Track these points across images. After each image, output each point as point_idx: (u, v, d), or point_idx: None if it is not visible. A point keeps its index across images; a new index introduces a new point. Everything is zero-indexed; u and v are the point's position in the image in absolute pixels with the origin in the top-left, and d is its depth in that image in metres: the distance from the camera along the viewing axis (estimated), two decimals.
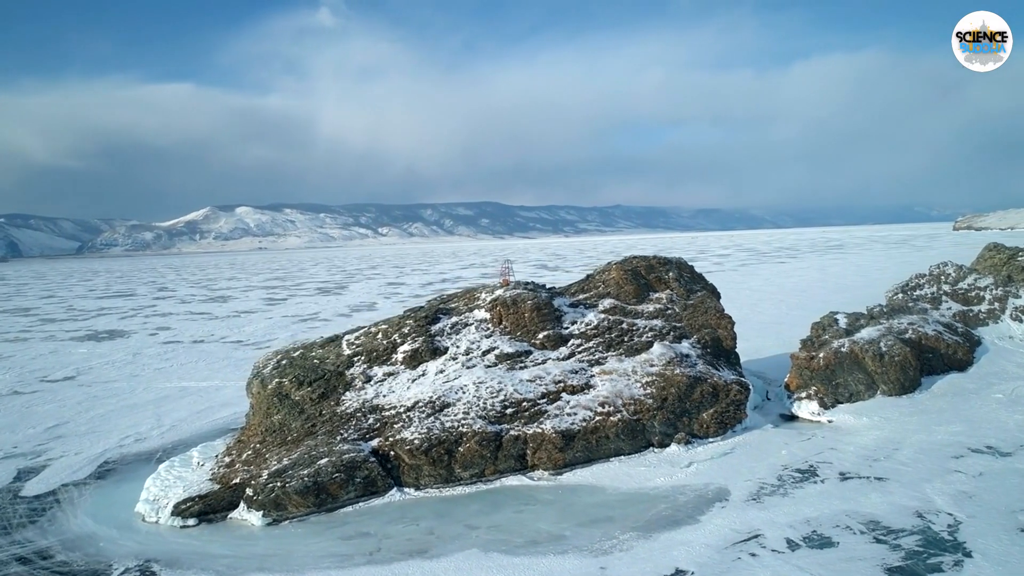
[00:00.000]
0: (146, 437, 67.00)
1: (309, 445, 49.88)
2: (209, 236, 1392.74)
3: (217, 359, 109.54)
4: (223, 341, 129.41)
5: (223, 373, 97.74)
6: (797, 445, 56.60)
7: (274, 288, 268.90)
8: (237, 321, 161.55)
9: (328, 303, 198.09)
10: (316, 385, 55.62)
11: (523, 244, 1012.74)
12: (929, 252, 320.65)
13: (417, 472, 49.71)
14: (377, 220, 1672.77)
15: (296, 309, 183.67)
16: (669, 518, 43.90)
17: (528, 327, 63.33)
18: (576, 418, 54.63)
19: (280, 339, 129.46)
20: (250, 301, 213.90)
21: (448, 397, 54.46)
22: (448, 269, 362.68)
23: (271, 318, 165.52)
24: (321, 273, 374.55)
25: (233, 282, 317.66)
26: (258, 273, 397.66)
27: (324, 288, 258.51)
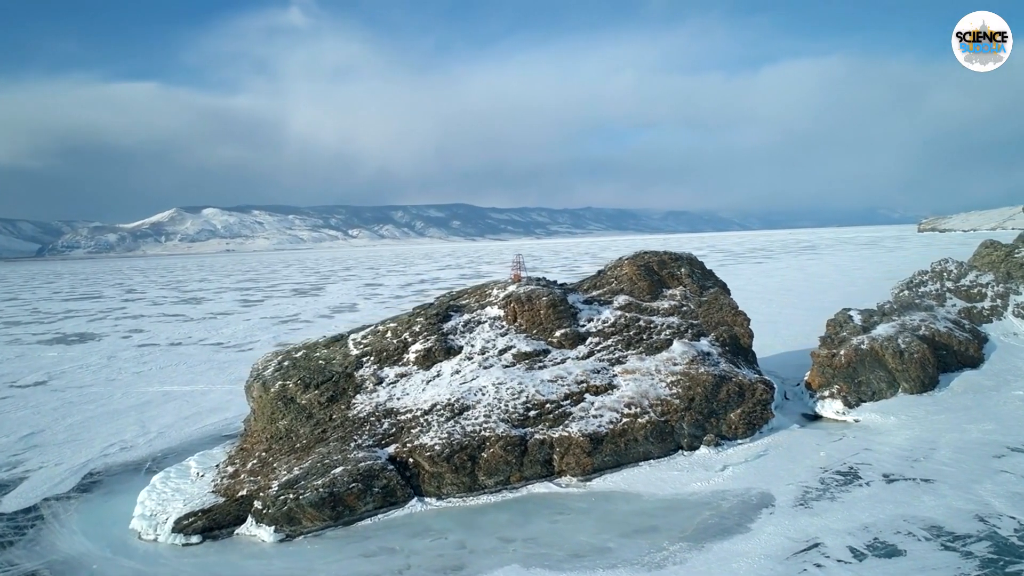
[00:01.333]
0: (132, 445, 62.23)
1: (321, 452, 45.98)
2: (175, 238, 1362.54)
3: (198, 362, 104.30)
4: (202, 343, 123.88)
5: (207, 376, 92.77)
6: (830, 446, 54.19)
7: (248, 290, 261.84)
8: (214, 323, 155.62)
9: (307, 304, 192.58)
10: (324, 388, 51.67)
11: (496, 246, 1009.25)
12: (900, 253, 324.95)
13: (439, 480, 46.11)
14: (347, 222, 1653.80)
15: (275, 311, 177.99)
16: (717, 526, 40.99)
17: (544, 325, 60.06)
18: (602, 420, 51.52)
19: (262, 341, 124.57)
20: (225, 303, 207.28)
21: (467, 399, 50.94)
22: (425, 270, 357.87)
23: (249, 320, 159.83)
24: (294, 275, 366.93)
25: (204, 284, 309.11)
26: (229, 275, 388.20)
27: (300, 289, 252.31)
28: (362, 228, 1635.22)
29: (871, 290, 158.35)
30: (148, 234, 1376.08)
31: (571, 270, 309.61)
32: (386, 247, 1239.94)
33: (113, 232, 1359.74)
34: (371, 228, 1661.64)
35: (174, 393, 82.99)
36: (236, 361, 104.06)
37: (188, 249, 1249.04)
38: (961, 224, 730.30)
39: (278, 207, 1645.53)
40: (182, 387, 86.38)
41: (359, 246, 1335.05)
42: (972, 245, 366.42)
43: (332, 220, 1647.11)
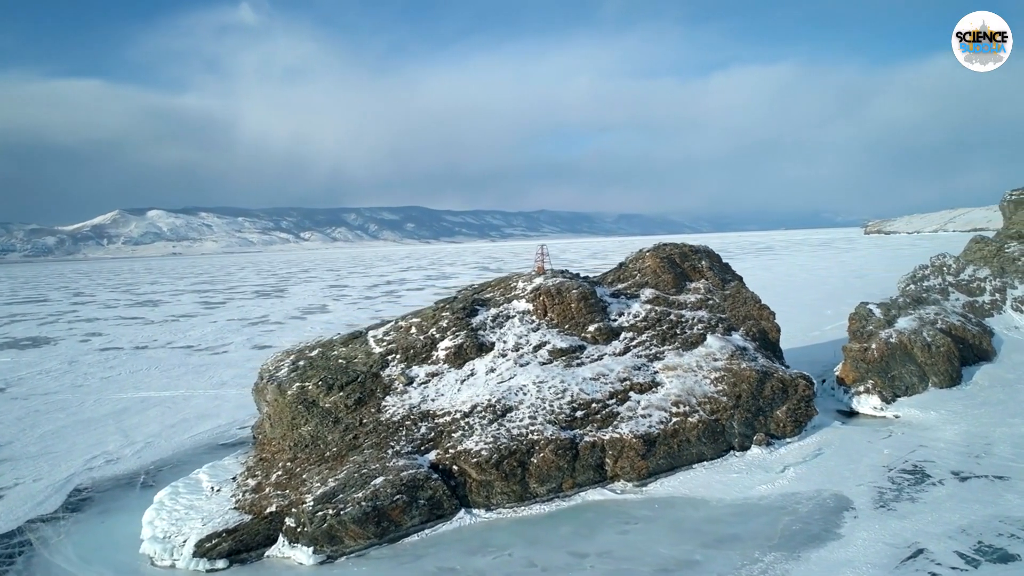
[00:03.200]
0: (118, 457, 55.89)
1: (356, 461, 41.02)
2: (118, 241, 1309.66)
3: (171, 366, 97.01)
4: (171, 347, 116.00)
5: (185, 381, 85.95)
6: (882, 443, 51.64)
7: (205, 292, 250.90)
8: (178, 325, 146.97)
9: (273, 306, 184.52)
10: (349, 389, 46.60)
11: (452, 248, 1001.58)
12: (856, 253, 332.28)
13: (488, 490, 41.66)
14: (299, 224, 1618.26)
15: (240, 312, 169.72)
16: (803, 533, 37.63)
17: (576, 319, 56.09)
18: (652, 420, 47.80)
19: (235, 344, 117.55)
20: (184, 305, 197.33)
21: (508, 399, 46.59)
22: (388, 272, 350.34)
23: (215, 322, 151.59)
24: (251, 277, 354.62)
25: (157, 287, 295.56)
26: (182, 277, 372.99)
27: (262, 291, 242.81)
28: (314, 231, 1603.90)
29: (845, 288, 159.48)
30: (89, 237, 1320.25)
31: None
32: (339, 250, 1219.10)
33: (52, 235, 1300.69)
34: (323, 231, 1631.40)
35: (152, 399, 76.20)
36: (212, 364, 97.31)
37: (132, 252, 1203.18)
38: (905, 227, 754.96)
39: (227, 209, 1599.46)
40: (160, 392, 79.53)
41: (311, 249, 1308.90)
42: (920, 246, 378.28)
43: (283, 222, 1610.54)
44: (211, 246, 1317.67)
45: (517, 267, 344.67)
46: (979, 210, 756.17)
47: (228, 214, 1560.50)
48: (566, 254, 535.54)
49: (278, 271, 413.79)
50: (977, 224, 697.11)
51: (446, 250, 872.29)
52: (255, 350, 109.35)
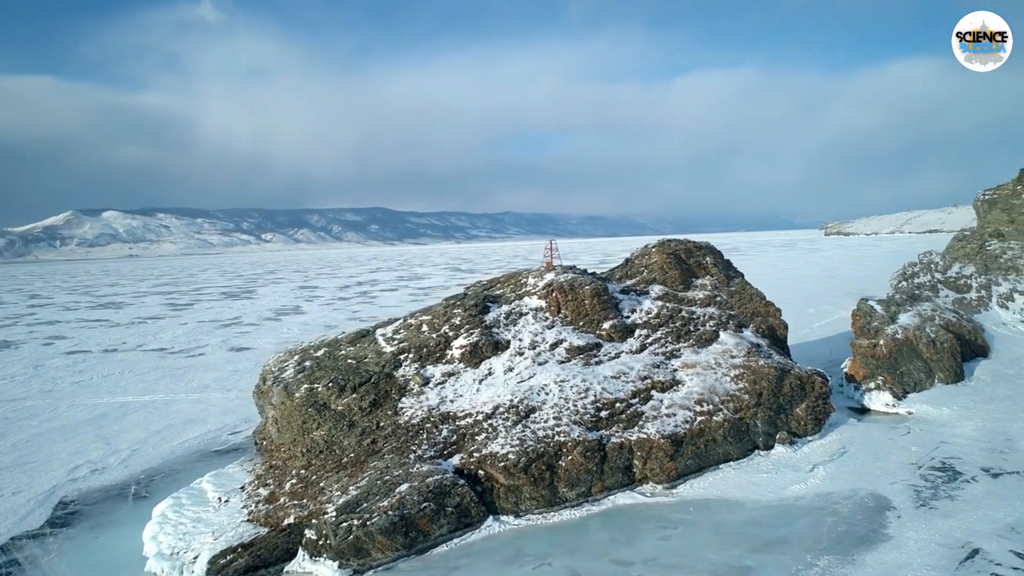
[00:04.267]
0: (103, 466, 52.16)
1: (377, 467, 38.38)
2: (71, 242, 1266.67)
3: (146, 369, 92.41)
4: (141, 349, 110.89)
5: (163, 385, 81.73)
6: (905, 440, 50.83)
7: (170, 294, 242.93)
8: (146, 328, 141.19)
9: (244, 307, 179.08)
10: (362, 391, 43.90)
11: (419, 250, 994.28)
12: (822, 253, 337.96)
13: (516, 495, 39.41)
14: (260, 226, 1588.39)
15: (210, 314, 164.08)
16: (850, 534, 36.23)
17: (590, 316, 54.20)
18: (677, 419, 46.10)
19: (211, 346, 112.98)
20: (150, 307, 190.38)
21: (530, 399, 44.41)
22: (356, 273, 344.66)
23: (186, 324, 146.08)
24: (215, 278, 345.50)
25: (117, 288, 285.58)
26: (142, 279, 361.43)
27: (229, 293, 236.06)
28: (276, 232, 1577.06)
29: (821, 288, 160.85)
30: (41, 238, 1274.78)
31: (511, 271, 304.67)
32: (302, 251, 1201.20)
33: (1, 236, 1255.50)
34: (285, 232, 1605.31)
35: (132, 404, 72.03)
36: (190, 367, 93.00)
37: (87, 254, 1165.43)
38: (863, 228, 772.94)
39: (186, 210, 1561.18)
40: (138, 397, 75.33)
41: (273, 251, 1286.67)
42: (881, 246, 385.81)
43: (244, 224, 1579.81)
44: (169, 248, 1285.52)
45: (487, 268, 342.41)
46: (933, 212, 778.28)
47: (187, 215, 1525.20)
48: (534, 255, 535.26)
49: (243, 272, 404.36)
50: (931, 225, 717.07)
51: (412, 251, 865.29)
52: (233, 352, 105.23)
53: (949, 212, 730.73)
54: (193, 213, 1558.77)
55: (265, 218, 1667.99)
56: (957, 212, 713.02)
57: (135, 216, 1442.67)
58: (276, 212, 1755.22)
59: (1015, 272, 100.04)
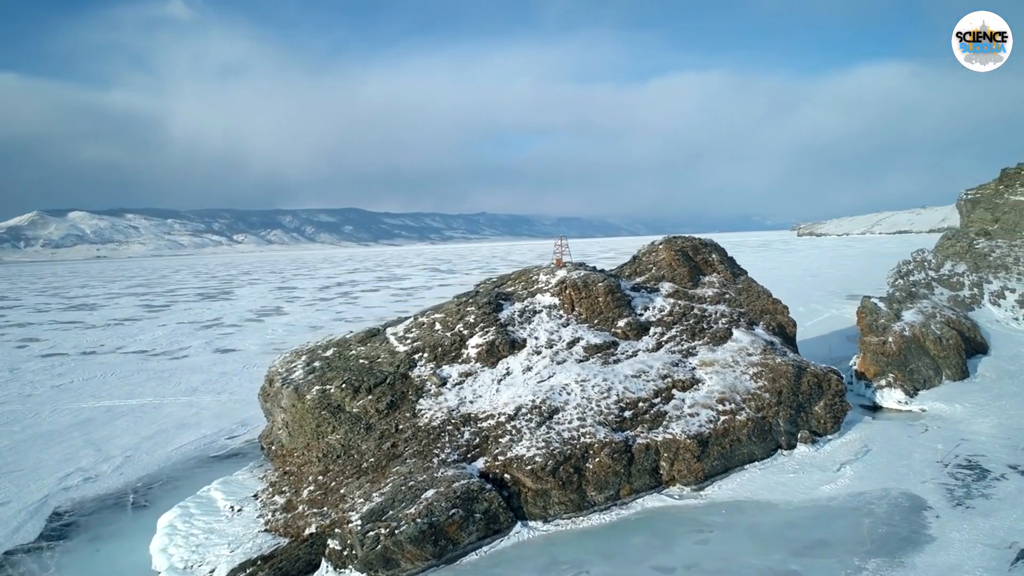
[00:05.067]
0: (96, 474, 49.48)
1: (400, 472, 36.49)
2: (36, 243, 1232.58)
3: (128, 372, 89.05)
4: (121, 352, 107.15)
5: (149, 388, 78.65)
6: (925, 438, 50.20)
7: (144, 295, 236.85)
8: (123, 329, 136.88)
9: (223, 308, 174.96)
10: (378, 392, 41.92)
11: (394, 251, 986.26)
12: (797, 254, 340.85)
13: (544, 499, 37.78)
14: (232, 227, 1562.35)
15: (189, 315, 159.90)
16: (892, 536, 35.22)
17: (604, 313, 52.80)
18: (700, 419, 44.84)
19: (194, 347, 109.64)
20: (124, 308, 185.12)
21: (553, 400, 42.82)
22: (334, 274, 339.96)
23: (164, 325, 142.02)
24: (189, 280, 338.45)
25: (88, 289, 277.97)
26: (113, 280, 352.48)
27: (206, 294, 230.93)
28: (248, 233, 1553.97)
29: (804, 287, 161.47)
30: (4, 239, 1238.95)
31: (491, 271, 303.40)
32: (275, 252, 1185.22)
33: None
34: (258, 233, 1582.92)
35: (118, 408, 69.01)
36: (175, 370, 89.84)
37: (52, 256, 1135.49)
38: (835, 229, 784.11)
39: (156, 211, 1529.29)
40: (124, 401, 72.28)
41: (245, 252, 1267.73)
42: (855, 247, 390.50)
43: (216, 225, 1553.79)
44: (138, 249, 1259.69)
45: (466, 269, 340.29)
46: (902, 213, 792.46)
47: (156, 216, 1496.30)
48: (512, 255, 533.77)
49: (217, 274, 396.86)
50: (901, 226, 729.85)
51: (387, 252, 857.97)
52: (219, 354, 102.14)
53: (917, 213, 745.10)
54: (163, 214, 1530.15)
55: (237, 219, 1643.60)
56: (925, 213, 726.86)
57: (103, 217, 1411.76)
58: (248, 213, 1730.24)
59: (1004, 270, 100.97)
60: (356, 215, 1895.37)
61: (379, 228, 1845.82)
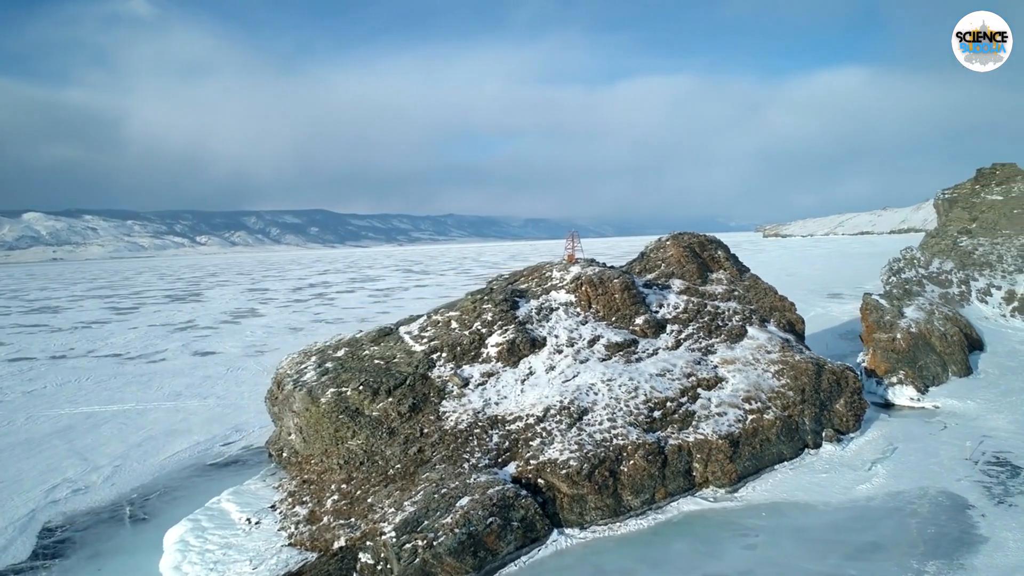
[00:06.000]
0: (86, 485, 46.16)
1: (431, 479, 34.26)
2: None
3: (104, 376, 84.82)
4: (94, 356, 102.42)
5: (129, 393, 74.80)
6: (947, 435, 49.55)
7: (109, 297, 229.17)
8: (92, 332, 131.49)
9: (195, 310, 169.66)
10: (399, 394, 39.58)
11: (363, 252, 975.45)
12: (769, 254, 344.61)
13: (581, 505, 35.89)
14: (195, 228, 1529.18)
15: (161, 318, 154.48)
16: (943, 536, 34.13)
17: (621, 311, 51.15)
18: (729, 419, 43.43)
19: (171, 350, 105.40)
20: (90, 311, 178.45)
21: (581, 400, 40.96)
22: (305, 275, 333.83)
23: (135, 328, 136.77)
24: (154, 282, 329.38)
25: (48, 292, 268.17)
26: (74, 283, 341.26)
27: (175, 296, 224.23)
28: (211, 235, 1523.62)
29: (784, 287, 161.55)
30: None
31: (466, 272, 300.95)
32: (240, 254, 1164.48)
33: None
34: (221, 235, 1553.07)
35: (100, 415, 65.29)
36: (155, 374, 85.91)
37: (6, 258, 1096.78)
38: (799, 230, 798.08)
39: (116, 212, 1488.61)
40: (105, 407, 68.47)
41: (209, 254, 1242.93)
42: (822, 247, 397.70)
43: (177, 226, 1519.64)
44: (97, 251, 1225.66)
45: (440, 269, 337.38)
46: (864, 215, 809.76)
47: (116, 217, 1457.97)
48: (484, 256, 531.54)
49: (182, 275, 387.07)
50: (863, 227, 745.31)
51: (355, 254, 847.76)
52: (198, 357, 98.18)
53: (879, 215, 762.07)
54: (122, 215, 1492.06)
55: (200, 220, 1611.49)
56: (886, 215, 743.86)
57: (59, 218, 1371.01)
58: (211, 214, 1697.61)
59: (989, 267, 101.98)
60: (322, 216, 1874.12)
61: (346, 229, 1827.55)
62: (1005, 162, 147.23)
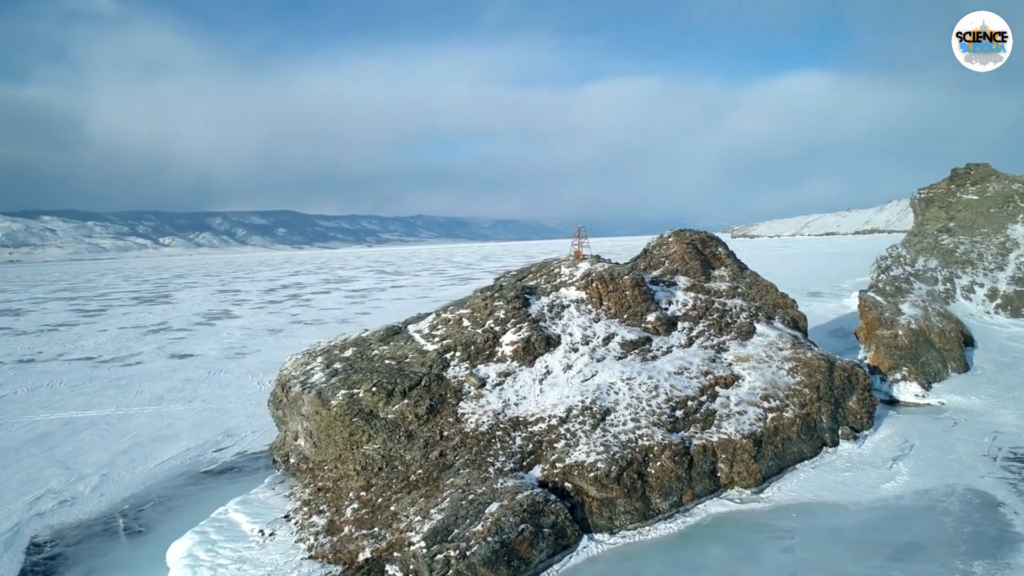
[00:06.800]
0: (72, 496, 43.32)
1: (456, 485, 32.44)
2: None
3: (79, 381, 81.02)
4: (65, 359, 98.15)
5: (107, 398, 71.39)
6: (959, 432, 49.26)
7: (73, 299, 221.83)
8: (60, 335, 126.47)
9: (166, 312, 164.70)
10: (415, 396, 37.64)
11: (331, 254, 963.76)
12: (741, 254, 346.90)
13: (610, 509, 34.40)
14: (158, 229, 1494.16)
15: (131, 320, 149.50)
16: (982, 535, 33.41)
17: (632, 308, 49.83)
18: (749, 417, 42.36)
19: (146, 352, 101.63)
20: (55, 314, 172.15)
21: (602, 400, 39.49)
22: (276, 276, 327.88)
23: (105, 330, 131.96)
24: (119, 283, 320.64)
25: (8, 295, 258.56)
26: (34, 285, 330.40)
27: (143, 298, 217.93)
28: (175, 236, 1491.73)
29: None
30: None
31: (440, 273, 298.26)
32: (205, 256, 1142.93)
33: None
34: (186, 236, 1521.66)
35: (78, 421, 61.98)
36: (132, 377, 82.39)
37: None
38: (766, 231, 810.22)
39: (75, 213, 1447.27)
40: (83, 412, 65.12)
41: (172, 255, 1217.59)
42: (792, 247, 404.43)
43: (140, 227, 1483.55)
44: (56, 252, 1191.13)
45: (414, 271, 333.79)
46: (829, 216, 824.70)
47: (76, 218, 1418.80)
48: (456, 257, 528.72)
49: (148, 277, 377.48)
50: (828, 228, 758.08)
51: (324, 255, 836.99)
52: (176, 360, 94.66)
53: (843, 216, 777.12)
54: (83, 216, 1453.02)
55: (163, 221, 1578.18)
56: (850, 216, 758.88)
57: (16, 219, 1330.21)
58: (175, 215, 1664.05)
59: (971, 265, 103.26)
60: (289, 217, 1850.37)
61: (313, 231, 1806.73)
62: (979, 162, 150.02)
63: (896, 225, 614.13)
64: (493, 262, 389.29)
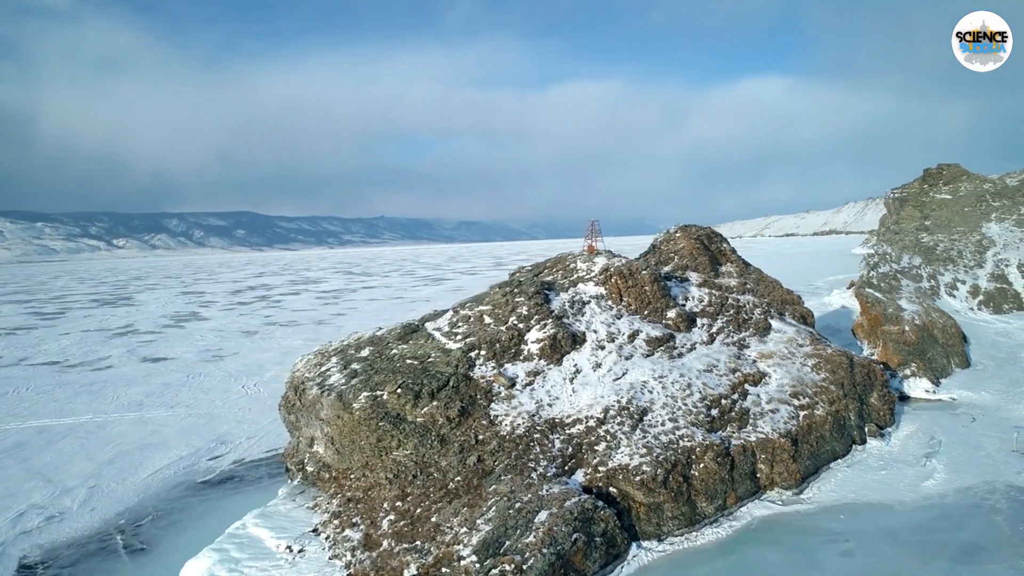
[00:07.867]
0: (60, 511, 39.77)
1: (500, 492, 30.15)
2: None
3: (47, 386, 76.30)
4: (28, 364, 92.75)
5: (81, 403, 67.13)
6: (981, 427, 48.77)
7: (27, 302, 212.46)
8: (19, 339, 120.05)
9: (130, 315, 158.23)
10: (443, 397, 35.20)
11: (293, 255, 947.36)
12: None
13: (658, 515, 32.49)
14: (112, 231, 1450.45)
15: (95, 323, 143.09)
16: None
17: (652, 303, 48.13)
18: (782, 415, 40.96)
19: (115, 356, 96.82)
20: (9, 317, 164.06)
21: (638, 399, 37.61)
22: (240, 278, 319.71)
23: (67, 334, 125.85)
24: (74, 286, 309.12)
25: None
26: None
27: (103, 300, 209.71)
28: (130, 238, 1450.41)
29: None
30: None
31: (410, 274, 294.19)
32: (162, 258, 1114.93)
33: None
34: (141, 238, 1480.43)
35: (53, 429, 57.88)
36: (104, 382, 77.90)
37: None
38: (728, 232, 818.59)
39: (23, 213, 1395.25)
40: (57, 420, 60.92)
41: (127, 257, 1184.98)
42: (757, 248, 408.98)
43: (93, 229, 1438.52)
44: (4, 254, 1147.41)
45: (382, 271, 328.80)
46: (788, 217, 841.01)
47: (24, 219, 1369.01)
48: (423, 258, 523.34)
49: (104, 279, 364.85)
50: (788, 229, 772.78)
51: (287, 257, 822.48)
52: (148, 363, 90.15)
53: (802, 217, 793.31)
54: (31, 216, 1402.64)
55: (117, 222, 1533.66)
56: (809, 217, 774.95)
57: None
58: (130, 216, 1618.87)
59: (951, 263, 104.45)
60: (249, 219, 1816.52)
61: (273, 232, 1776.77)
62: (949, 163, 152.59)
63: (853, 226, 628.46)
64: (461, 263, 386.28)
